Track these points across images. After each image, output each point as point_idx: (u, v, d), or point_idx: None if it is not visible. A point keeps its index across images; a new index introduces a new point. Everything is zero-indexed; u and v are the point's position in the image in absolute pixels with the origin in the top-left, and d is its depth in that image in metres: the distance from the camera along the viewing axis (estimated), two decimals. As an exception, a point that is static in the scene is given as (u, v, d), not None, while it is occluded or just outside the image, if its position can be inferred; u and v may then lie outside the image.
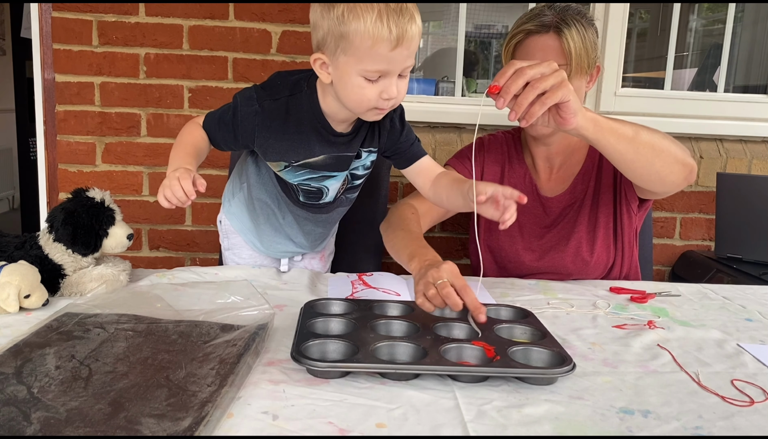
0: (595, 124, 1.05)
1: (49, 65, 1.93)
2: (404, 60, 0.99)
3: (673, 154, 1.14)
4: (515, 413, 0.71)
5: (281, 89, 1.12)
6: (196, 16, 1.93)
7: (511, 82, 0.95)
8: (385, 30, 0.95)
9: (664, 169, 1.14)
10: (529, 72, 0.95)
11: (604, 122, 1.06)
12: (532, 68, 0.96)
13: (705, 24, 3.55)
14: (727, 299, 1.20)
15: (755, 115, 2.14)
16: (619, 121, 1.09)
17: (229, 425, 0.66)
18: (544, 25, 1.24)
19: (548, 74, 0.96)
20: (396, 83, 1.01)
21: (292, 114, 1.11)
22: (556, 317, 1.06)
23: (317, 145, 1.13)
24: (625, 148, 1.09)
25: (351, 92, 1.02)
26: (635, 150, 1.10)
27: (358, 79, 0.99)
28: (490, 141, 1.47)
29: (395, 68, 0.99)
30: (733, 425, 0.71)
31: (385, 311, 0.99)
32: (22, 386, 0.69)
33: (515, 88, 0.95)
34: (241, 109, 1.11)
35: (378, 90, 1.00)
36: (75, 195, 1.09)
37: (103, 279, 1.07)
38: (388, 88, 1.00)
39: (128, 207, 2.00)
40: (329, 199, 1.25)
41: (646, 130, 1.11)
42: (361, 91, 1.00)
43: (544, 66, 0.97)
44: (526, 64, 0.97)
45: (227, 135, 1.14)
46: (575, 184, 1.38)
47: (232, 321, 0.91)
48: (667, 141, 1.14)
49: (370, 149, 1.20)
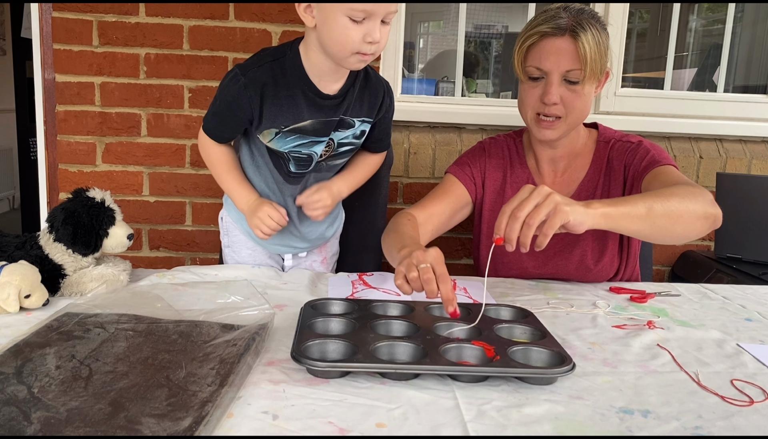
0: (606, 218, 0.99)
1: (49, 65, 1.93)
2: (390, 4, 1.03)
3: (693, 213, 1.06)
4: (515, 413, 0.71)
5: (263, 57, 1.15)
6: (197, 16, 1.93)
7: (509, 230, 0.92)
8: None
9: (686, 231, 1.09)
10: (522, 213, 0.92)
11: (615, 211, 1.00)
12: (523, 206, 0.92)
13: (705, 24, 3.55)
14: (726, 299, 1.20)
15: (755, 115, 2.14)
16: (630, 202, 1.02)
17: (229, 425, 0.66)
18: (560, 28, 1.21)
19: (541, 203, 0.93)
20: (379, 27, 1.05)
21: (279, 78, 1.14)
22: (555, 316, 1.06)
23: (305, 110, 1.15)
24: (640, 228, 1.04)
25: (335, 33, 1.05)
26: (651, 225, 1.04)
27: (344, 19, 1.03)
28: (492, 145, 1.44)
29: (380, 10, 1.03)
30: (733, 425, 0.71)
31: (385, 311, 0.99)
32: (23, 385, 0.69)
33: (515, 233, 0.92)
34: (229, 91, 1.13)
35: (362, 32, 1.04)
36: (75, 195, 1.09)
37: (103, 279, 1.08)
38: (372, 31, 1.04)
39: (128, 207, 2.00)
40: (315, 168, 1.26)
41: (660, 199, 1.04)
42: (346, 31, 1.04)
43: (535, 196, 0.93)
44: (515, 204, 0.94)
45: (230, 123, 1.16)
46: (580, 191, 1.36)
47: (232, 321, 0.91)
48: (686, 201, 1.06)
49: (364, 119, 1.22)
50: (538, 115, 1.27)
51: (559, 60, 1.21)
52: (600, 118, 1.64)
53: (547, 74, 1.23)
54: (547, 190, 0.94)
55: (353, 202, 1.55)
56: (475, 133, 2.08)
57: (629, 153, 1.31)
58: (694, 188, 1.11)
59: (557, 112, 1.25)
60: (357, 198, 1.53)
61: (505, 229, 0.93)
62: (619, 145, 1.34)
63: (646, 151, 1.29)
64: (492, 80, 3.47)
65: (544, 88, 1.24)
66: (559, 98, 1.23)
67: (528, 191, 0.95)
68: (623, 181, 1.32)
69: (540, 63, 1.23)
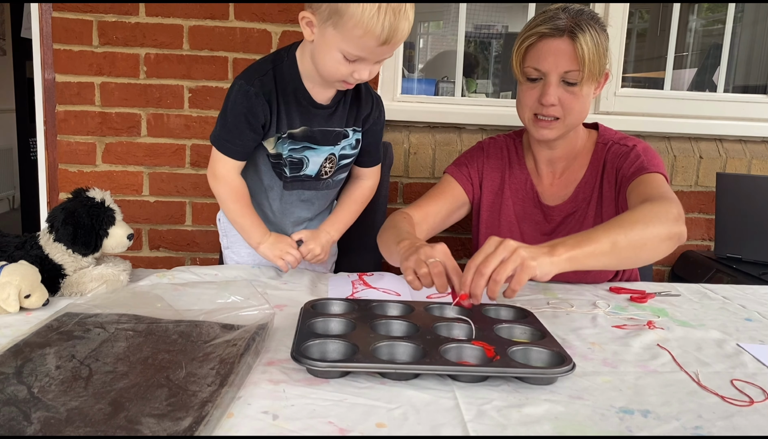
0: (571, 261, 0.97)
1: (49, 65, 1.93)
2: (385, 53, 1.05)
3: (657, 237, 1.05)
4: (515, 413, 0.71)
5: (264, 64, 1.17)
6: (196, 16, 1.93)
7: (474, 286, 0.90)
8: (379, 26, 0.99)
9: (651, 256, 1.08)
10: (488, 268, 0.90)
11: (579, 253, 0.97)
12: (488, 262, 0.90)
13: (705, 24, 3.56)
14: (726, 299, 1.20)
15: (755, 115, 2.14)
16: (594, 239, 0.99)
17: (229, 424, 0.66)
18: (558, 29, 1.21)
19: (507, 258, 0.90)
20: (370, 68, 1.07)
21: (279, 84, 1.15)
22: (555, 316, 1.06)
23: (297, 116, 1.17)
24: (606, 263, 1.02)
25: (327, 62, 1.07)
26: (617, 258, 1.03)
27: (338, 54, 1.05)
28: (491, 145, 1.44)
29: (375, 58, 1.05)
30: (733, 425, 0.71)
31: (385, 311, 0.99)
32: (23, 385, 0.69)
33: (481, 289, 0.90)
34: (241, 103, 1.13)
35: (352, 69, 1.06)
36: (75, 195, 1.09)
37: (103, 279, 1.08)
38: (361, 71, 1.06)
39: (128, 207, 2.00)
40: (310, 172, 1.26)
41: (624, 229, 1.02)
42: (336, 65, 1.06)
43: (501, 251, 0.91)
44: (480, 259, 0.92)
45: (248, 134, 1.17)
46: (577, 193, 1.35)
47: (233, 321, 0.91)
48: (650, 226, 1.04)
49: (355, 128, 1.24)
50: (535, 115, 1.27)
51: (557, 61, 1.21)
52: (600, 119, 1.64)
53: (545, 75, 1.23)
54: (513, 244, 0.91)
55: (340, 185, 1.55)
56: (475, 134, 2.08)
57: (621, 157, 1.31)
58: (659, 207, 1.08)
59: (555, 114, 1.24)
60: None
61: (470, 284, 0.90)
62: (615, 148, 1.33)
63: (637, 157, 1.28)
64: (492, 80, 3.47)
65: (542, 89, 1.24)
66: (557, 99, 1.23)
67: (494, 245, 0.92)
68: (615, 185, 1.32)
69: (538, 64, 1.23)
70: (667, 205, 1.09)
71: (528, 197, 1.39)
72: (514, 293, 0.91)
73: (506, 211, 1.40)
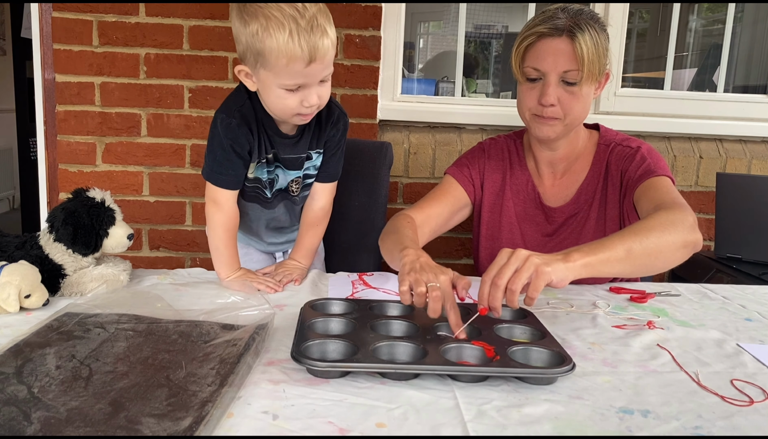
0: (587, 267, 0.96)
1: (49, 65, 1.93)
2: (320, 72, 1.06)
3: (673, 245, 1.04)
4: (515, 413, 0.71)
5: (239, 95, 1.18)
6: (196, 16, 1.93)
7: (492, 298, 0.90)
8: (298, 48, 1.01)
9: (666, 264, 1.07)
10: (502, 280, 0.90)
11: (594, 260, 0.97)
12: (502, 273, 0.90)
13: (705, 24, 3.55)
14: (726, 299, 1.20)
15: (755, 115, 2.14)
16: (609, 246, 0.98)
17: (229, 424, 0.66)
18: (558, 29, 1.21)
19: (521, 267, 0.90)
20: (316, 91, 1.08)
21: (256, 111, 1.17)
22: (555, 316, 1.06)
23: (266, 144, 1.19)
24: (621, 270, 1.01)
25: (273, 102, 1.10)
26: (632, 265, 1.02)
27: (279, 90, 1.07)
28: (491, 146, 1.44)
29: (312, 81, 1.06)
30: (733, 425, 0.71)
31: (385, 311, 0.99)
32: (23, 385, 0.69)
33: (499, 301, 0.90)
34: (226, 135, 1.16)
35: (299, 99, 1.08)
36: (75, 195, 1.09)
37: (103, 279, 1.08)
38: (308, 98, 1.08)
39: (128, 207, 2.00)
40: (279, 186, 1.28)
41: (639, 237, 1.01)
42: (283, 101, 1.08)
43: (513, 261, 0.91)
44: (495, 272, 0.91)
45: (237, 163, 1.19)
46: (579, 194, 1.35)
47: (233, 321, 0.91)
48: (665, 234, 1.03)
49: (318, 151, 1.26)
50: (535, 115, 1.27)
51: (556, 61, 1.21)
52: (600, 119, 1.64)
53: (544, 75, 1.23)
54: (525, 253, 0.91)
55: (353, 202, 1.55)
56: (475, 134, 2.08)
57: (626, 159, 1.30)
58: (675, 214, 1.08)
59: (554, 114, 1.24)
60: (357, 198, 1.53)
61: (488, 298, 0.90)
62: (618, 149, 1.33)
63: (643, 159, 1.28)
64: (492, 80, 3.47)
65: (542, 89, 1.24)
66: (557, 100, 1.23)
67: (506, 256, 0.92)
68: (620, 187, 1.31)
69: (537, 64, 1.23)
70: (682, 212, 1.08)
71: (529, 198, 1.39)
72: (533, 300, 0.91)
73: (507, 212, 1.39)
